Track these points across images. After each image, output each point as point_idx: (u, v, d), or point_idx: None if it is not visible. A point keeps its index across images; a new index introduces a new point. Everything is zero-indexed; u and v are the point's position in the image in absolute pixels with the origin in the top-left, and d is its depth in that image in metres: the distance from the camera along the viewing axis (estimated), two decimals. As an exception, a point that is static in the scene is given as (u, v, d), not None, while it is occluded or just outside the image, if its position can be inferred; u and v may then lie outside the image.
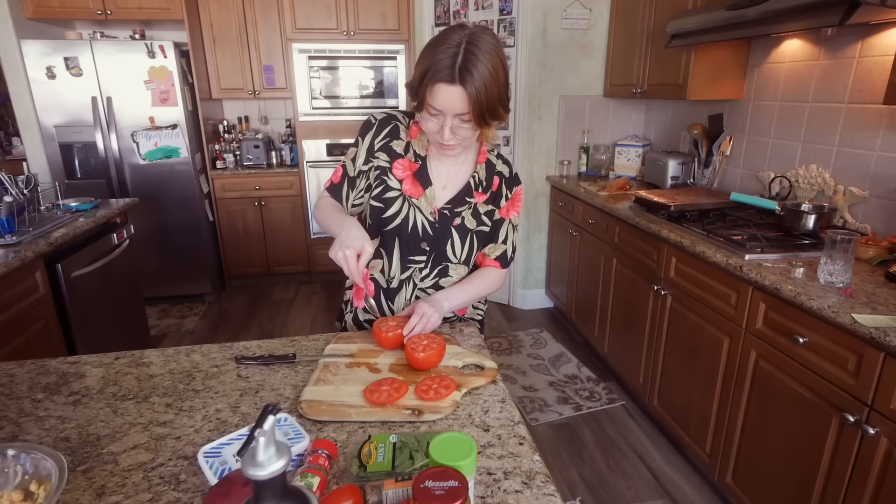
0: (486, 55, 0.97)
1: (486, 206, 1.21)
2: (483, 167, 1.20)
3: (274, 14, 3.69)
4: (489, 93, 0.98)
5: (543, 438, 2.30)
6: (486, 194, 1.20)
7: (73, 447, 0.81)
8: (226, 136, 4.04)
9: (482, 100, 0.98)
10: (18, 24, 3.25)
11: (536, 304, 3.69)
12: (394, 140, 1.17)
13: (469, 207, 1.19)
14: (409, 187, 1.16)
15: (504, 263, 1.26)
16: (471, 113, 1.00)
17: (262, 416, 0.48)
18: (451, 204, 1.18)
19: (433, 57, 0.98)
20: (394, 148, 1.16)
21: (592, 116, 3.40)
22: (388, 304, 1.24)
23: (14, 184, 2.06)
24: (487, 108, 1.00)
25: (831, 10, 1.56)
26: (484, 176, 1.20)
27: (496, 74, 0.99)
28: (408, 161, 1.16)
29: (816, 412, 1.44)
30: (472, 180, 1.19)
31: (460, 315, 1.30)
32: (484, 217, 1.21)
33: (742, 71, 2.43)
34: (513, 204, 1.25)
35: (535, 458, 0.79)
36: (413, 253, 1.19)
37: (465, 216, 1.19)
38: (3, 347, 1.73)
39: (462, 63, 0.96)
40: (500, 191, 1.22)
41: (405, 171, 1.16)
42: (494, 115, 1.03)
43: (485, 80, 0.97)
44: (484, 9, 3.28)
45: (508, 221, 1.25)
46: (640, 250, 2.32)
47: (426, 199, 1.17)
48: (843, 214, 1.96)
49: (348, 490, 0.67)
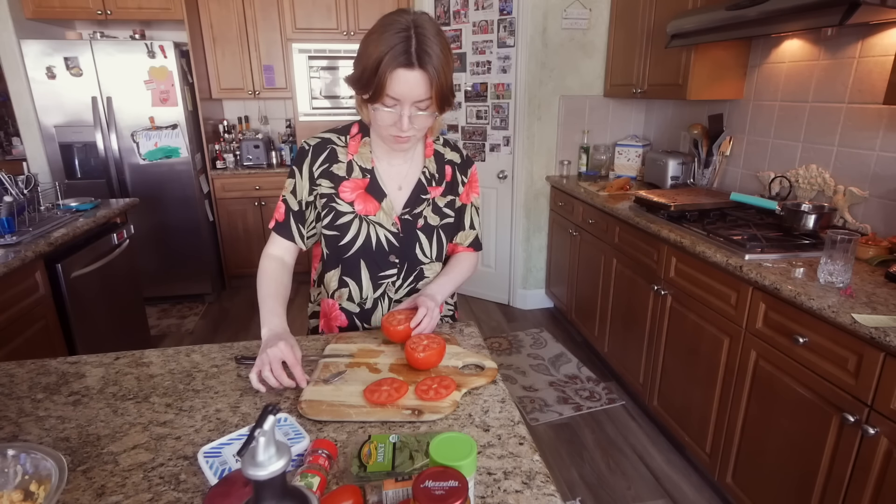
0: (436, 38, 0.95)
1: (445, 198, 1.19)
2: (432, 160, 1.18)
3: (274, 14, 3.69)
4: (446, 76, 0.97)
5: (543, 438, 2.30)
6: (440, 186, 1.19)
7: (73, 447, 0.81)
8: (226, 136, 4.04)
9: (442, 83, 0.96)
10: (18, 24, 3.25)
11: (536, 304, 3.69)
12: (333, 164, 1.13)
13: (428, 205, 1.17)
14: (363, 206, 1.12)
15: (477, 247, 1.27)
16: (432, 98, 0.97)
17: (262, 416, 0.48)
18: (408, 206, 1.15)
19: (385, 44, 0.93)
20: (335, 172, 1.12)
21: (592, 116, 3.40)
22: (362, 325, 1.22)
23: (14, 184, 2.06)
24: (448, 92, 0.99)
25: (831, 10, 1.56)
26: (435, 168, 1.18)
27: (448, 57, 0.97)
28: (354, 181, 1.13)
29: (816, 412, 1.44)
30: (423, 176, 1.17)
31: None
32: (445, 209, 1.19)
33: (742, 71, 2.43)
34: (471, 186, 1.23)
35: (535, 458, 0.79)
36: (382, 269, 1.17)
37: (426, 215, 1.17)
38: (3, 347, 1.73)
39: (418, 45, 0.93)
40: (455, 179, 1.21)
41: (354, 191, 1.12)
42: (449, 101, 1.01)
43: (441, 62, 0.95)
44: (484, 9, 3.28)
45: (470, 205, 1.24)
46: (640, 250, 2.32)
47: (384, 212, 1.13)
48: (843, 214, 1.96)
49: (348, 490, 0.67)
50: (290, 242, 1.18)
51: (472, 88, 3.48)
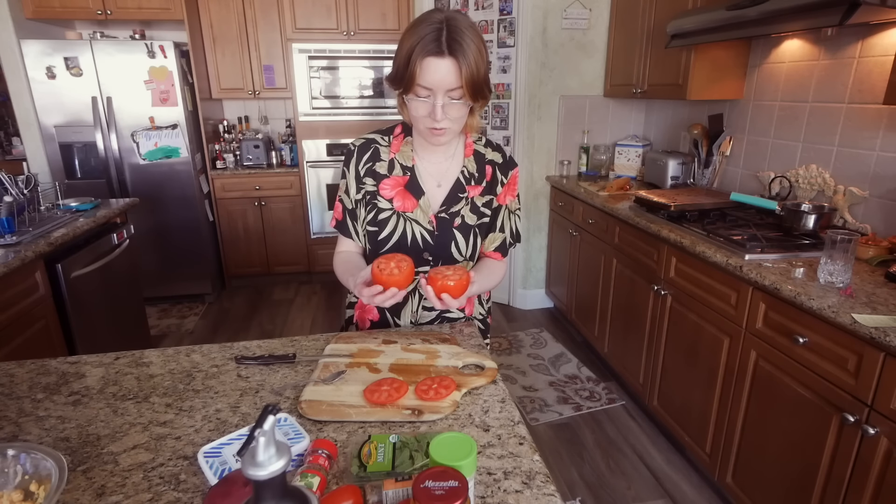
0: (469, 29, 0.98)
1: (483, 197, 1.19)
2: (472, 159, 1.19)
3: (274, 14, 3.69)
4: (478, 65, 0.98)
5: (543, 438, 2.30)
6: (480, 185, 1.19)
7: (73, 447, 0.81)
8: (226, 136, 4.04)
9: (473, 71, 0.98)
10: (18, 24, 3.25)
11: (536, 304, 3.69)
12: (376, 163, 1.17)
13: (466, 204, 1.18)
14: (401, 202, 1.15)
15: (504, 253, 1.24)
16: (463, 87, 0.98)
17: (262, 416, 0.48)
18: (445, 205, 1.17)
19: (416, 35, 0.97)
20: (377, 171, 1.16)
21: (592, 116, 3.40)
22: (393, 319, 1.24)
23: (14, 184, 2.06)
24: (482, 81, 1.00)
25: (831, 10, 1.56)
26: (474, 168, 1.19)
27: (480, 49, 0.99)
28: (395, 178, 1.16)
29: (816, 412, 1.44)
30: (462, 175, 1.18)
31: (468, 315, 1.30)
32: (483, 209, 1.19)
33: (742, 71, 2.43)
34: (509, 188, 1.22)
35: (535, 458, 0.79)
36: (418, 264, 1.17)
37: (464, 214, 1.17)
38: (3, 347, 1.73)
39: (448, 35, 0.96)
40: (496, 178, 1.20)
41: (394, 188, 1.16)
42: (482, 92, 1.03)
43: (472, 52, 0.97)
44: (484, 9, 3.28)
45: (505, 207, 1.22)
46: (640, 250, 2.32)
47: (421, 209, 1.16)
48: (843, 214, 1.96)
49: (348, 490, 0.67)
50: (350, 240, 1.22)
51: (472, 88, 3.48)
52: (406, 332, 1.17)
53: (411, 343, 1.10)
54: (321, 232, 4.00)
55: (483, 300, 1.35)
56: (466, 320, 1.29)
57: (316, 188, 3.90)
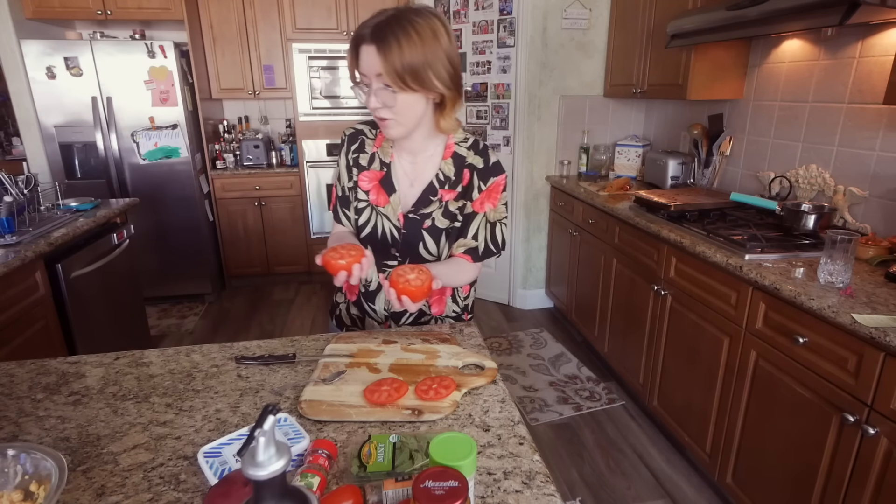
0: (412, 20, 0.98)
1: (457, 202, 1.16)
2: (450, 162, 1.16)
3: (274, 14, 3.69)
4: (406, 52, 0.97)
5: (543, 438, 2.30)
6: (454, 190, 1.16)
7: (73, 447, 0.81)
8: (226, 136, 4.04)
9: (395, 57, 0.97)
10: (18, 24, 3.24)
11: (536, 304, 3.69)
12: (361, 154, 1.20)
13: (440, 207, 1.15)
14: (375, 196, 1.18)
15: (475, 257, 1.18)
16: (385, 72, 0.98)
17: (262, 416, 0.48)
18: (416, 206, 1.15)
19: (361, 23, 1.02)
20: (360, 162, 1.20)
21: (592, 116, 3.40)
22: (368, 305, 1.27)
23: (14, 184, 2.06)
24: (405, 68, 0.98)
25: (831, 10, 1.56)
26: (451, 171, 1.15)
27: (421, 37, 0.98)
28: (373, 172, 1.18)
29: (816, 412, 1.44)
30: (437, 178, 1.15)
31: (437, 314, 1.28)
32: (456, 213, 1.16)
33: (742, 71, 2.43)
34: (488, 196, 1.16)
35: (535, 458, 0.79)
36: (386, 258, 1.20)
37: (435, 217, 1.15)
38: (3, 347, 1.73)
39: (379, 23, 0.98)
40: (472, 183, 1.15)
41: (371, 182, 1.18)
42: (418, 79, 1.00)
43: (400, 39, 0.97)
44: (484, 9, 3.28)
45: (482, 215, 1.16)
46: (640, 250, 2.32)
47: (391, 206, 1.17)
48: (843, 214, 1.96)
49: (348, 490, 0.67)
50: (341, 226, 1.25)
51: (472, 88, 3.48)
52: (406, 331, 1.17)
53: (411, 343, 1.10)
54: (321, 232, 4.00)
55: (459, 297, 1.30)
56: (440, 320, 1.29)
57: (316, 188, 3.90)
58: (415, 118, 1.07)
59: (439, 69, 1.01)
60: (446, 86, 1.03)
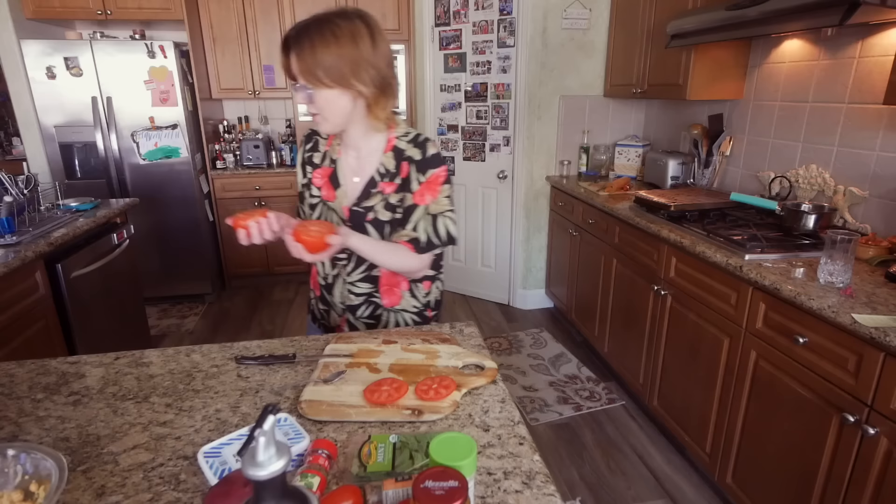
0: (333, 22, 1.05)
1: (398, 194, 1.19)
2: (390, 155, 1.19)
3: (274, 14, 3.69)
4: (319, 53, 1.03)
5: (543, 438, 2.30)
6: (394, 183, 1.19)
7: (73, 447, 0.81)
8: (226, 136, 4.04)
9: (308, 57, 1.04)
10: (18, 24, 3.25)
11: (536, 304, 3.69)
12: (315, 153, 1.28)
13: (382, 200, 1.19)
14: (326, 192, 1.25)
15: (417, 248, 1.18)
16: (298, 72, 1.06)
17: (262, 416, 0.48)
18: (359, 199, 1.20)
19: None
20: (314, 160, 1.28)
21: (592, 116, 3.40)
22: (329, 297, 1.33)
23: (14, 184, 2.06)
24: (319, 67, 1.04)
25: (831, 10, 1.56)
26: (392, 165, 1.19)
27: (337, 38, 1.04)
28: (324, 169, 1.26)
29: (816, 412, 1.44)
30: (377, 172, 1.19)
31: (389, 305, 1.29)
32: (397, 205, 1.19)
33: (742, 71, 2.43)
34: (427, 188, 1.17)
35: (535, 458, 0.79)
36: (337, 252, 1.20)
37: (377, 209, 1.19)
38: (3, 347, 1.73)
39: (301, 27, 1.05)
40: (411, 175, 1.18)
41: (322, 178, 1.26)
42: (333, 77, 1.05)
43: (315, 41, 1.03)
44: (484, 9, 3.28)
45: (423, 207, 1.18)
46: (640, 250, 2.32)
47: (338, 200, 1.23)
48: (843, 214, 1.96)
49: (348, 490, 0.67)
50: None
51: (472, 88, 3.48)
52: (406, 331, 1.17)
53: (411, 343, 1.10)
54: (321, 232, 4.00)
55: (419, 292, 1.31)
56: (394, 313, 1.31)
57: (316, 188, 3.90)
58: (339, 114, 1.12)
59: (357, 69, 1.06)
60: (366, 85, 1.08)
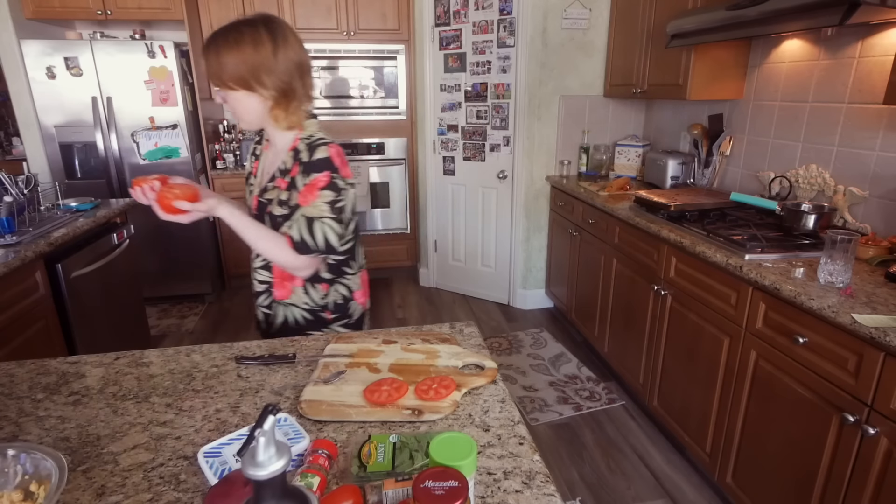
0: (238, 30, 1.12)
1: (287, 192, 1.24)
2: (291, 154, 1.24)
3: (274, 14, 3.68)
4: (223, 58, 1.11)
5: (543, 438, 2.30)
6: (286, 181, 1.24)
7: (73, 447, 0.81)
8: (226, 136, 4.03)
9: (214, 62, 1.12)
10: (18, 24, 3.24)
11: (536, 304, 3.69)
12: (258, 148, 1.40)
13: (276, 196, 1.26)
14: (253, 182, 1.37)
15: (295, 246, 1.20)
16: (209, 75, 1.15)
17: (262, 416, 0.48)
18: (262, 191, 1.30)
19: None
20: (256, 153, 1.40)
21: (592, 116, 3.40)
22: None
23: (14, 184, 2.06)
24: (223, 71, 1.12)
25: (831, 10, 1.56)
26: (290, 164, 1.24)
27: (239, 45, 1.11)
28: (256, 162, 1.38)
29: (816, 412, 1.44)
30: (278, 169, 1.27)
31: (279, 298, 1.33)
32: (287, 202, 1.24)
33: (742, 71, 2.43)
34: (309, 190, 1.19)
35: (535, 458, 0.79)
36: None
37: (273, 204, 1.26)
38: (3, 347, 1.73)
39: (213, 34, 1.14)
40: (297, 177, 1.21)
41: (253, 170, 1.38)
42: (237, 81, 1.13)
43: (220, 47, 1.11)
44: (484, 9, 3.28)
45: (302, 209, 1.20)
46: (640, 250, 2.32)
47: (249, 191, 1.36)
48: (843, 214, 1.96)
49: (348, 490, 0.67)
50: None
51: (472, 88, 3.48)
52: (406, 332, 1.17)
53: (411, 343, 1.10)
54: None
55: (315, 291, 1.32)
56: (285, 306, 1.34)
57: (316, 188, 3.90)
58: (250, 113, 1.19)
59: (258, 74, 1.13)
60: (266, 88, 1.15)
